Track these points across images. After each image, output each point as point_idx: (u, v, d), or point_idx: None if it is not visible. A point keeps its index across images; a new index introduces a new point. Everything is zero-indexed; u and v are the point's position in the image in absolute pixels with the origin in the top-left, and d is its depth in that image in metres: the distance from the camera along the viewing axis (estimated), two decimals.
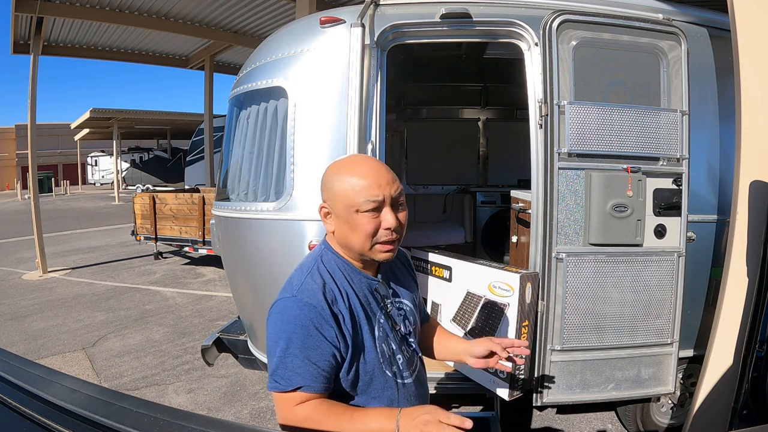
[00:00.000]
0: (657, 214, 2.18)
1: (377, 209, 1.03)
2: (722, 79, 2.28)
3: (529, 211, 2.24)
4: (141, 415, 0.67)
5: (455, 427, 0.92)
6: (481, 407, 2.83)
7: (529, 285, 2.05)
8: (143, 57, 9.93)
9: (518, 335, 2.17)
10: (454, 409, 0.88)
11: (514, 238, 2.96)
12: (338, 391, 1.06)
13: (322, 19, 2.24)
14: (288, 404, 1.01)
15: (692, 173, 2.21)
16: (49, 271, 7.24)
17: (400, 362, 1.13)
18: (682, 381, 2.47)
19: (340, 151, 2.13)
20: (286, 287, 1.07)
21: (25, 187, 20.31)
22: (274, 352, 1.02)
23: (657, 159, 2.18)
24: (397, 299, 1.18)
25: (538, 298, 2.12)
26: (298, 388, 0.99)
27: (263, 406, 3.15)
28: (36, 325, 4.88)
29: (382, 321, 1.10)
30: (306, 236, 2.21)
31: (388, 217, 1.04)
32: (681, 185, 2.18)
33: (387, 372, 1.09)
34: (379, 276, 1.15)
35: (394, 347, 1.12)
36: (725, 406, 1.88)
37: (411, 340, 1.18)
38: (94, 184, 29.91)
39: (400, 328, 1.15)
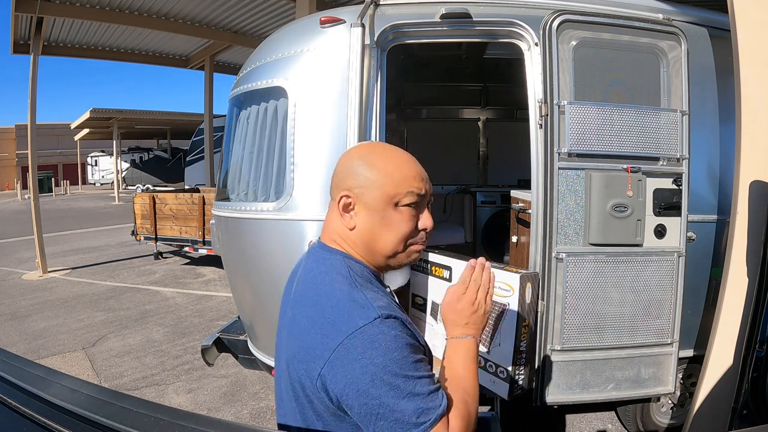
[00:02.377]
0: (657, 214, 2.18)
1: (418, 206, 0.88)
2: (722, 79, 2.28)
3: (529, 211, 2.24)
4: (141, 415, 0.67)
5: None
6: (481, 407, 2.82)
7: (529, 285, 2.05)
8: (143, 57, 9.94)
9: (518, 335, 2.16)
10: None
11: (514, 238, 2.97)
12: None
13: (322, 19, 2.24)
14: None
15: (692, 173, 2.21)
16: (49, 271, 7.24)
17: None
18: (682, 381, 2.47)
19: (340, 151, 2.13)
20: (341, 318, 0.78)
21: (25, 187, 20.31)
22: (388, 399, 0.74)
23: (657, 159, 2.19)
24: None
25: (538, 298, 2.12)
26: (442, 401, 0.78)
27: (263, 406, 3.15)
28: (36, 325, 4.88)
29: None
30: (306, 236, 2.21)
31: (426, 216, 0.89)
32: (681, 185, 2.18)
33: None
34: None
35: None
36: (725, 406, 1.88)
37: None
38: (94, 184, 29.92)
39: None
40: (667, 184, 2.19)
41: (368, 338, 0.75)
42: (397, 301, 1.00)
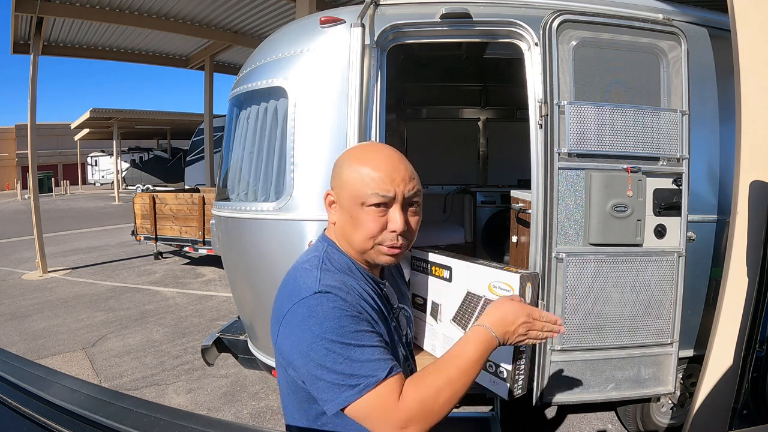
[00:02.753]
0: (657, 214, 2.18)
1: (385, 206, 0.91)
2: (722, 79, 2.28)
3: (529, 211, 2.24)
4: (141, 415, 0.67)
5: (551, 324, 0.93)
6: (481, 407, 2.83)
7: (529, 285, 2.05)
8: (143, 57, 9.94)
9: None
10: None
11: (514, 238, 2.96)
12: None
13: (322, 19, 2.24)
14: (390, 401, 0.81)
15: (692, 173, 2.21)
16: (49, 271, 7.24)
17: (410, 369, 1.08)
18: (682, 381, 2.47)
19: (340, 151, 2.12)
20: (294, 290, 0.89)
21: (25, 187, 20.32)
22: (326, 362, 0.81)
23: (657, 159, 2.19)
24: (400, 304, 1.10)
25: (538, 298, 2.12)
26: (389, 373, 0.82)
27: (263, 406, 3.15)
28: (36, 325, 4.88)
29: (393, 326, 1.01)
30: (306, 236, 2.21)
31: (395, 217, 0.91)
32: (681, 185, 2.18)
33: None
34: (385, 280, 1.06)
35: (405, 352, 1.06)
36: (725, 406, 1.88)
37: (411, 346, 1.14)
38: (94, 184, 29.92)
39: (406, 333, 1.11)
40: (667, 184, 2.19)
41: (306, 308, 0.85)
42: (389, 294, 1.04)
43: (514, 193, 2.93)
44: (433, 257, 2.57)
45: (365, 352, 0.83)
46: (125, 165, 25.11)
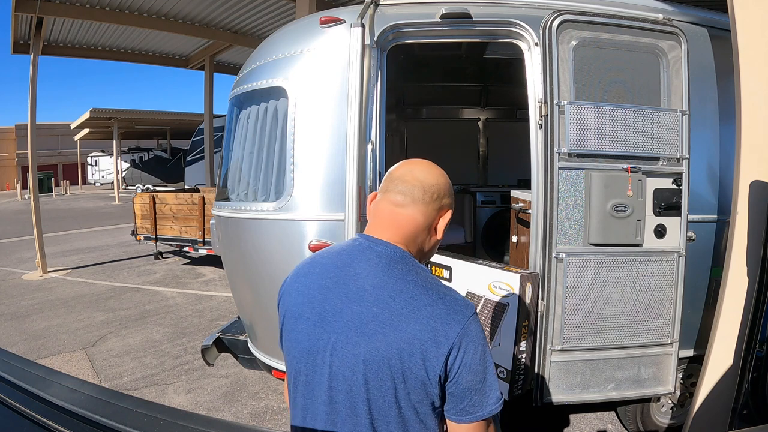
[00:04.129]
0: (657, 214, 2.18)
1: None
2: (722, 79, 2.28)
3: (529, 211, 2.24)
4: (141, 415, 0.68)
5: None
6: None
7: (529, 285, 2.05)
8: (143, 57, 9.94)
9: (518, 335, 2.16)
10: None
11: (514, 238, 2.97)
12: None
13: (322, 19, 2.24)
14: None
15: (692, 173, 2.21)
16: (49, 271, 7.24)
17: None
18: (682, 381, 2.47)
19: (341, 151, 2.13)
20: (456, 305, 0.89)
21: (25, 187, 20.32)
22: (491, 374, 0.89)
23: (657, 159, 2.19)
24: None
25: (538, 298, 2.12)
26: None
27: (263, 406, 3.15)
28: (36, 325, 4.88)
29: None
30: (306, 236, 2.21)
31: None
32: (681, 185, 2.18)
33: None
34: None
35: None
36: (725, 406, 1.88)
37: None
38: (94, 184, 29.92)
39: None
40: (667, 184, 2.19)
41: (478, 325, 0.89)
42: None
43: (514, 193, 2.93)
44: (433, 257, 2.57)
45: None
46: (125, 165, 25.11)
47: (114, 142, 20.75)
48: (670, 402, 2.55)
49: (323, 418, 0.92)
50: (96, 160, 29.20)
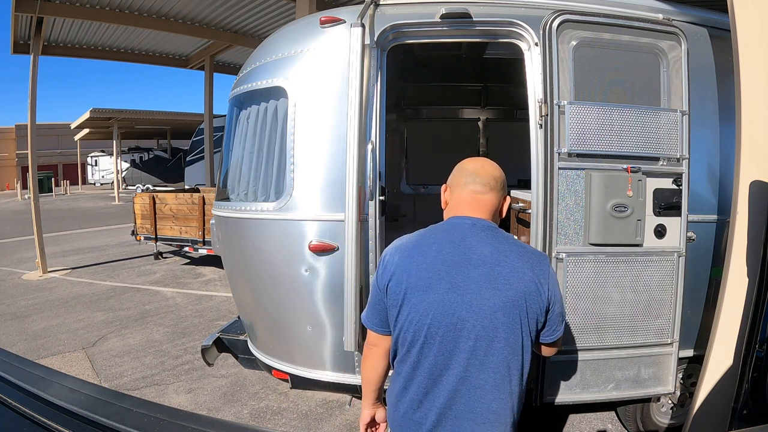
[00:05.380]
0: (657, 214, 2.18)
1: None
2: (722, 79, 2.28)
3: (529, 211, 2.24)
4: (141, 415, 0.68)
5: None
6: None
7: None
8: (143, 57, 9.95)
9: None
10: None
11: None
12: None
13: (322, 19, 2.24)
14: None
15: (692, 173, 2.21)
16: (49, 271, 7.24)
17: None
18: (682, 381, 2.47)
19: (341, 151, 2.13)
20: (539, 255, 1.29)
21: (25, 187, 20.31)
22: (562, 300, 1.29)
23: (657, 159, 2.18)
24: None
25: None
26: None
27: (263, 406, 3.15)
28: (36, 325, 4.88)
29: None
30: (306, 236, 2.21)
31: None
32: (681, 185, 2.18)
33: None
34: None
35: None
36: (725, 406, 1.88)
37: None
38: (94, 184, 29.92)
39: None
40: (667, 184, 2.19)
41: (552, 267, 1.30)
42: None
43: (514, 193, 2.93)
44: None
45: None
46: (125, 165, 25.11)
47: (114, 142, 20.75)
48: (670, 402, 2.55)
49: (462, 361, 1.18)
50: (96, 160, 29.21)
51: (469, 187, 1.29)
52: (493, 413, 1.18)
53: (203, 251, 6.80)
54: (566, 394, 2.21)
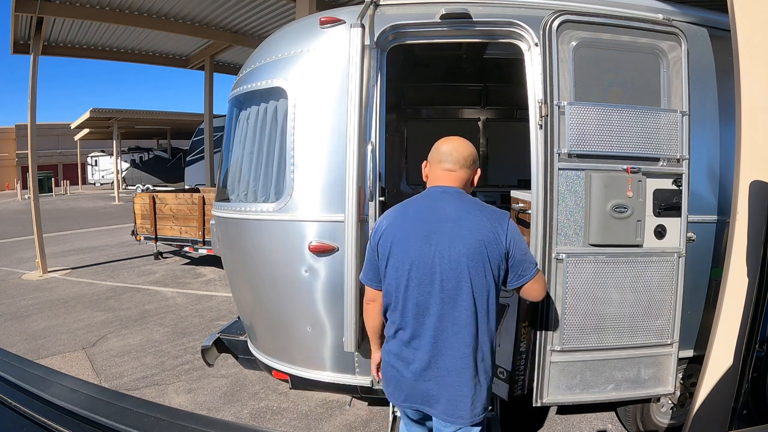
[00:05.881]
0: (657, 214, 2.18)
1: None
2: (722, 79, 2.28)
3: (529, 211, 2.24)
4: (141, 415, 0.68)
5: None
6: None
7: None
8: (143, 57, 9.95)
9: (518, 336, 2.16)
10: None
11: None
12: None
13: (322, 19, 2.23)
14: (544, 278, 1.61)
15: (692, 174, 2.21)
16: (49, 271, 7.24)
17: None
18: (682, 381, 2.47)
19: (340, 151, 2.13)
20: (498, 212, 1.51)
21: (25, 187, 20.31)
22: (526, 247, 1.52)
23: (657, 159, 2.18)
24: None
25: None
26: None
27: (263, 406, 3.15)
28: (36, 325, 4.88)
29: None
30: (306, 237, 2.21)
31: None
32: (681, 186, 2.18)
33: None
34: None
35: None
36: (725, 406, 1.88)
37: None
38: (94, 184, 29.93)
39: None
40: (667, 184, 2.19)
41: (512, 221, 1.51)
42: None
43: (514, 193, 2.93)
44: None
45: None
46: (125, 165, 25.11)
47: (114, 142, 20.76)
48: (670, 402, 2.55)
49: (437, 300, 1.45)
50: (96, 160, 29.21)
51: (443, 165, 1.56)
52: (467, 347, 1.44)
53: (203, 251, 6.80)
54: (566, 394, 2.21)
